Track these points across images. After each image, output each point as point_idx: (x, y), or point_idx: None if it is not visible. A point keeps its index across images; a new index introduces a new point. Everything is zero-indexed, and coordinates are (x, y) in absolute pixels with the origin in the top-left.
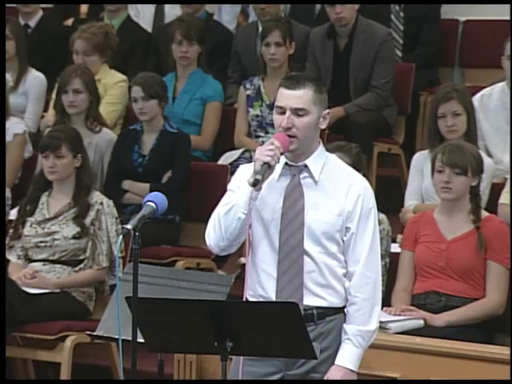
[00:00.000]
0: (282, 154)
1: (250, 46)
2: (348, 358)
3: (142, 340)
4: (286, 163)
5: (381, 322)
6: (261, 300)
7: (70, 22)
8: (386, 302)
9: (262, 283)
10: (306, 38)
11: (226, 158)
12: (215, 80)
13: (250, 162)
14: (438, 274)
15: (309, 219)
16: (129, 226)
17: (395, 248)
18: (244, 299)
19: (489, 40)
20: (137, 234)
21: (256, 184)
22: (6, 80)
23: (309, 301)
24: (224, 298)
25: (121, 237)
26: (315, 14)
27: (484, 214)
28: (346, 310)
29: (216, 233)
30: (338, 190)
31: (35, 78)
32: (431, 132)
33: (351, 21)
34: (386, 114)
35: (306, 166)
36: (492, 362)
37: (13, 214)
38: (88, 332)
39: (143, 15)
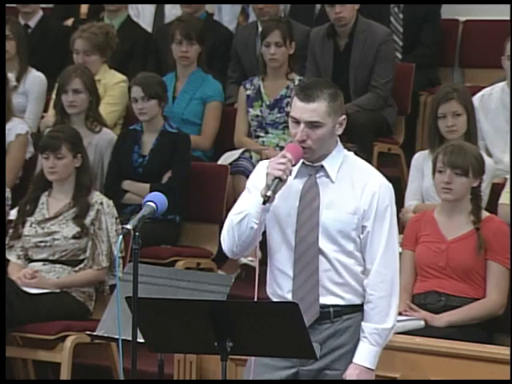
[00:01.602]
0: (294, 165)
1: (250, 46)
2: (364, 356)
3: (142, 340)
4: (303, 163)
5: None
6: (278, 299)
7: (70, 22)
8: None
9: (279, 282)
10: (306, 38)
11: (226, 158)
12: (215, 80)
13: (250, 162)
14: (438, 274)
15: (324, 218)
16: (129, 226)
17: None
18: (261, 298)
19: (489, 40)
20: (137, 234)
21: (267, 201)
22: (7, 80)
23: (325, 300)
24: (224, 298)
25: (121, 237)
26: (315, 14)
27: (484, 214)
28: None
29: (230, 239)
30: (353, 188)
31: (35, 78)
32: (431, 132)
33: (351, 21)
34: (386, 114)
35: (322, 166)
36: (492, 362)
37: (13, 214)
38: (88, 332)
39: (143, 15)
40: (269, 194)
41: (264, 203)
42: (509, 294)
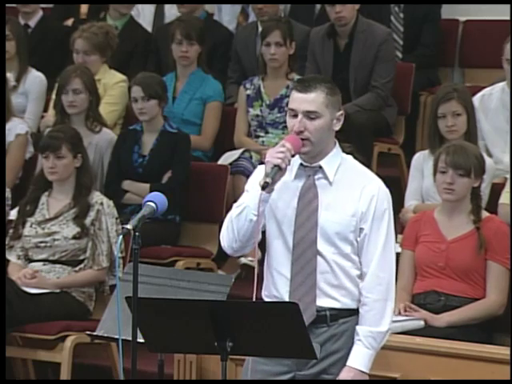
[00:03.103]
0: (293, 156)
1: (250, 46)
2: (358, 359)
3: (142, 340)
4: (302, 164)
5: None
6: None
7: (70, 22)
8: None
9: (276, 284)
10: (306, 38)
11: (226, 158)
12: (215, 80)
13: (250, 162)
14: (437, 274)
15: (322, 220)
16: (129, 226)
17: (395, 248)
18: (258, 299)
19: (489, 40)
20: (137, 234)
21: (265, 187)
22: (6, 80)
23: (322, 302)
24: (224, 298)
25: (121, 237)
26: (315, 14)
27: (485, 214)
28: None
29: (229, 234)
30: (352, 190)
31: (35, 78)
32: (431, 132)
33: (351, 21)
34: (386, 114)
35: (320, 167)
36: (492, 362)
37: (13, 214)
38: (88, 332)
39: (143, 15)
40: (268, 180)
41: (263, 189)
42: (509, 293)
